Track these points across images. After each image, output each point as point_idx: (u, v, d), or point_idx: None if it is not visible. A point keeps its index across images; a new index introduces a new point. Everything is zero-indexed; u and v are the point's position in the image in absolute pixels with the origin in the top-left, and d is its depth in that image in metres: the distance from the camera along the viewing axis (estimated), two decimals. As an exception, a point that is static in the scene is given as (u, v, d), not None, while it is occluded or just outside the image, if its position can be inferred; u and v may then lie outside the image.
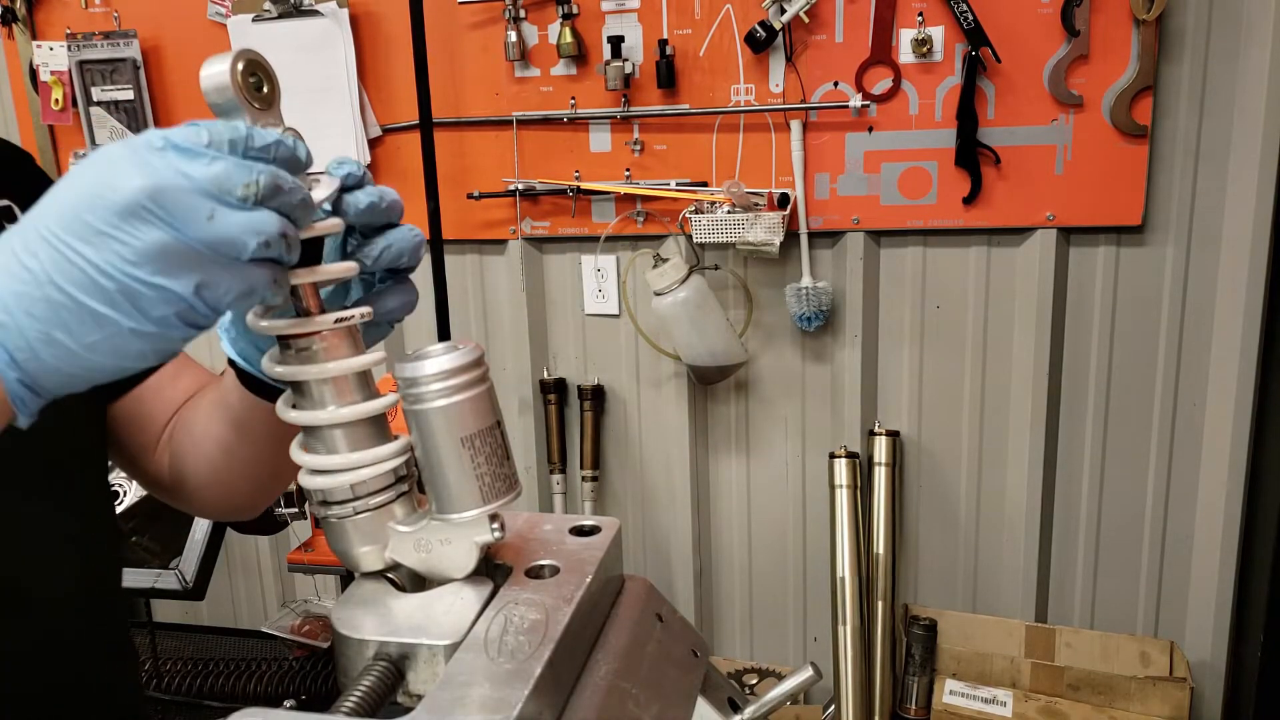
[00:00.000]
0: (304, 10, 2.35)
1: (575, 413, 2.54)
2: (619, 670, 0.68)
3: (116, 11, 2.51)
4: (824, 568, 2.42)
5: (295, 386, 0.68)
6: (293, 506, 1.89)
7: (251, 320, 0.66)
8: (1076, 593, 2.34)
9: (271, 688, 2.08)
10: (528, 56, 2.30)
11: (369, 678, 0.62)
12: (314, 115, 2.38)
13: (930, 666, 2.32)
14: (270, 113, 0.63)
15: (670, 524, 2.56)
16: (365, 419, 0.68)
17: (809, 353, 2.37)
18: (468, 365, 0.66)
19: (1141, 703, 2.16)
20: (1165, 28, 2.00)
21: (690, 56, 2.22)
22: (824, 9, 2.12)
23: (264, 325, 0.65)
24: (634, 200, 2.32)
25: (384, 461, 0.68)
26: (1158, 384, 2.20)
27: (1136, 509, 2.26)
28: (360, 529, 0.68)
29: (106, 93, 2.51)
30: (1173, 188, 2.08)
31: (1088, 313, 2.19)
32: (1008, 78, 2.07)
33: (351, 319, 0.66)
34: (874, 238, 2.25)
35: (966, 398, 2.30)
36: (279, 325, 0.65)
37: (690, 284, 2.19)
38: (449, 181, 2.39)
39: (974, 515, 2.37)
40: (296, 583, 2.68)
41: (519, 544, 0.74)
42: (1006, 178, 2.13)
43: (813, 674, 0.84)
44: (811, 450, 2.43)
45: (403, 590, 0.69)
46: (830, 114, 2.17)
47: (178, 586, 1.61)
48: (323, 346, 0.66)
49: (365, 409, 0.67)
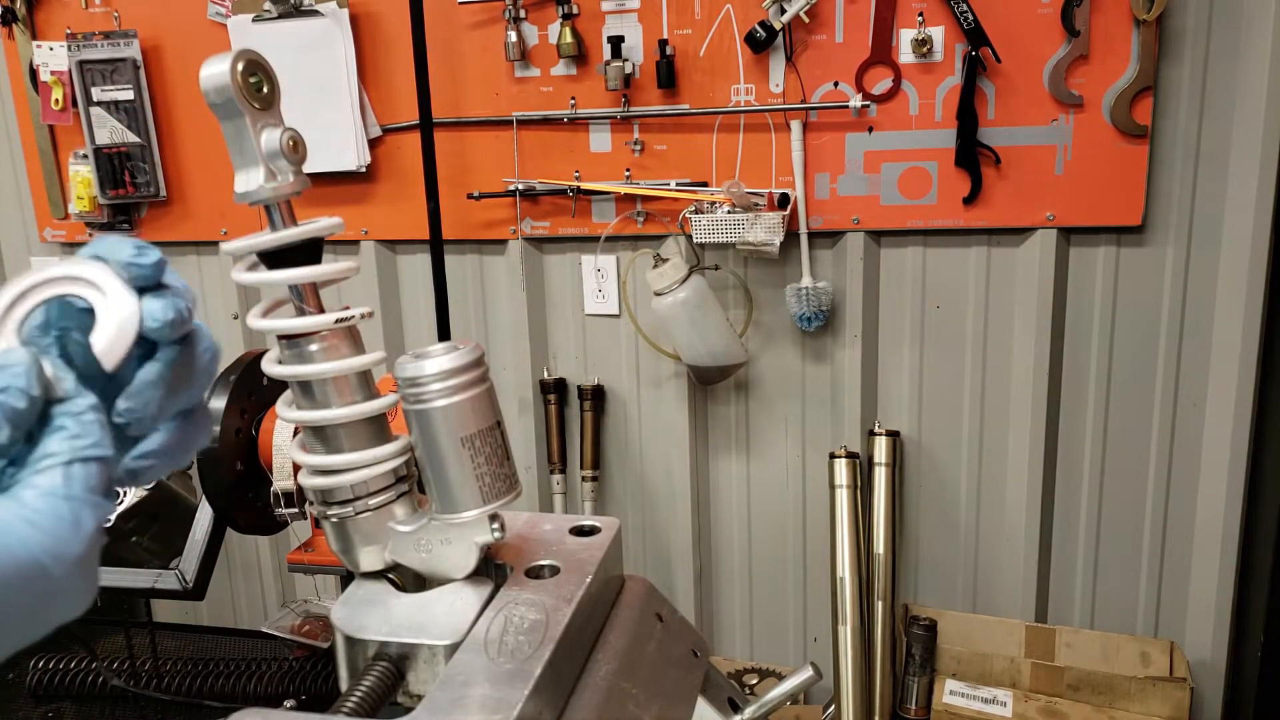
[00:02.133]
0: (304, 10, 2.35)
1: (575, 413, 2.54)
2: (619, 670, 0.68)
3: (116, 11, 2.51)
4: (824, 568, 2.42)
5: (296, 386, 0.68)
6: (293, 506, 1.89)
7: (252, 320, 0.66)
8: (1076, 593, 2.34)
9: (271, 688, 2.08)
10: (528, 56, 2.30)
11: (369, 678, 0.62)
12: (314, 115, 2.38)
13: (930, 666, 2.32)
14: (270, 113, 0.63)
15: (670, 524, 2.56)
16: (365, 419, 0.68)
17: (809, 353, 2.37)
18: (468, 365, 0.66)
19: (1141, 703, 2.16)
20: (1165, 28, 2.00)
21: (690, 56, 2.22)
22: (824, 9, 2.12)
23: (264, 325, 0.65)
24: (634, 200, 2.32)
25: (384, 461, 0.68)
26: (1158, 384, 2.20)
27: (1136, 509, 2.26)
28: (360, 529, 0.68)
29: (106, 93, 2.51)
30: (1173, 188, 2.08)
31: (1088, 313, 2.19)
32: (1008, 78, 2.07)
33: (352, 319, 0.66)
34: (874, 238, 2.25)
35: (966, 398, 2.30)
36: (279, 325, 0.65)
37: (690, 284, 2.19)
38: (449, 181, 2.39)
39: (974, 515, 2.37)
40: (296, 583, 2.68)
41: (519, 544, 0.74)
42: (1006, 178, 2.13)
43: (813, 674, 0.85)
44: (811, 450, 2.43)
45: (403, 590, 0.69)
46: (830, 114, 2.17)
47: (178, 586, 1.61)
48: (323, 346, 0.66)
49: (365, 409, 0.67)
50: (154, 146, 2.55)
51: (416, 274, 2.56)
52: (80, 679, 2.04)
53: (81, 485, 0.46)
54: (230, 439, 1.21)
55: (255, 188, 0.63)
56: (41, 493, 0.45)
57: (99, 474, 0.47)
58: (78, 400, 0.48)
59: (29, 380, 0.46)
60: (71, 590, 0.46)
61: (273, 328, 0.65)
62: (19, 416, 0.46)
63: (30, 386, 0.46)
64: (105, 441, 0.48)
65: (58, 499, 0.45)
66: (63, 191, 2.68)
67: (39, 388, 0.46)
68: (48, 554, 0.44)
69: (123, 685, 2.01)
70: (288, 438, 1.23)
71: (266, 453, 1.26)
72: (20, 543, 0.44)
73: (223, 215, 2.61)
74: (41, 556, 0.44)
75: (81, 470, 0.46)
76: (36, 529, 0.44)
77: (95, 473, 0.47)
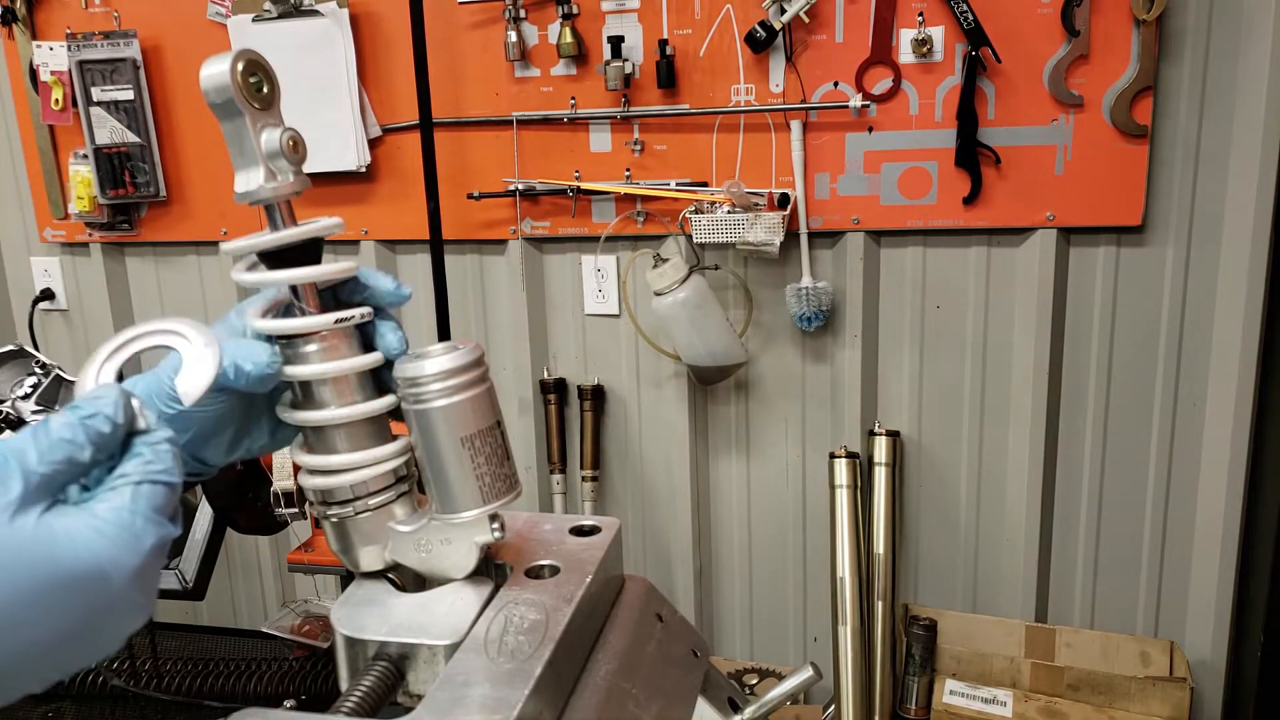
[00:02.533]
0: (304, 10, 2.35)
1: (575, 413, 2.54)
2: (619, 670, 0.68)
3: (116, 11, 2.51)
4: (824, 568, 2.42)
5: (296, 387, 0.68)
6: (293, 506, 1.89)
7: (251, 320, 0.66)
8: (1076, 592, 2.34)
9: (271, 688, 2.08)
10: (528, 56, 2.30)
11: (369, 678, 0.62)
12: (314, 115, 2.38)
13: (930, 666, 2.32)
14: (270, 113, 0.63)
15: (670, 524, 2.56)
16: (365, 419, 0.68)
17: (809, 353, 2.37)
18: (468, 365, 0.66)
19: (1141, 703, 2.16)
20: (1165, 28, 2.00)
21: (690, 56, 2.22)
22: (824, 9, 2.12)
23: (264, 325, 0.65)
24: (634, 200, 2.32)
25: (384, 461, 0.68)
26: (1158, 384, 2.19)
27: (1136, 509, 2.26)
28: (360, 529, 0.68)
29: (106, 93, 2.51)
30: (1173, 188, 2.08)
31: (1088, 313, 2.19)
32: (1008, 78, 2.07)
33: (352, 319, 0.66)
34: (874, 238, 2.25)
35: (966, 398, 2.30)
36: (280, 325, 0.65)
37: (690, 284, 2.19)
38: (449, 181, 2.39)
39: (974, 515, 2.37)
40: (296, 583, 2.68)
41: (519, 544, 0.74)
42: (1006, 178, 2.12)
43: (813, 674, 0.85)
44: (811, 450, 2.43)
45: (403, 590, 0.69)
46: (830, 114, 2.17)
47: (178, 586, 1.61)
48: (323, 346, 0.66)
49: (365, 409, 0.67)
50: (154, 146, 2.55)
51: (416, 274, 2.56)
52: (80, 679, 2.04)
53: (147, 503, 0.52)
54: (230, 439, 1.21)
55: (255, 188, 0.63)
56: (111, 506, 0.51)
57: (165, 496, 0.53)
58: (157, 433, 0.55)
59: (115, 410, 0.53)
60: (129, 603, 0.51)
61: (273, 328, 0.65)
62: (103, 440, 0.52)
63: (115, 415, 0.53)
64: (175, 470, 0.54)
65: (124, 512, 0.51)
66: (63, 191, 2.68)
67: (123, 417, 0.54)
68: (110, 562, 0.49)
69: (123, 685, 2.01)
70: (288, 438, 1.23)
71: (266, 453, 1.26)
72: (86, 548, 0.49)
73: (223, 215, 2.61)
74: (104, 564, 0.49)
75: (149, 490, 0.52)
76: (102, 536, 0.49)
77: (161, 494, 0.53)
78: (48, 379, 1.58)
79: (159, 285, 2.80)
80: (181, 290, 2.78)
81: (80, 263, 2.81)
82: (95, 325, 2.84)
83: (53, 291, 2.85)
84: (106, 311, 2.79)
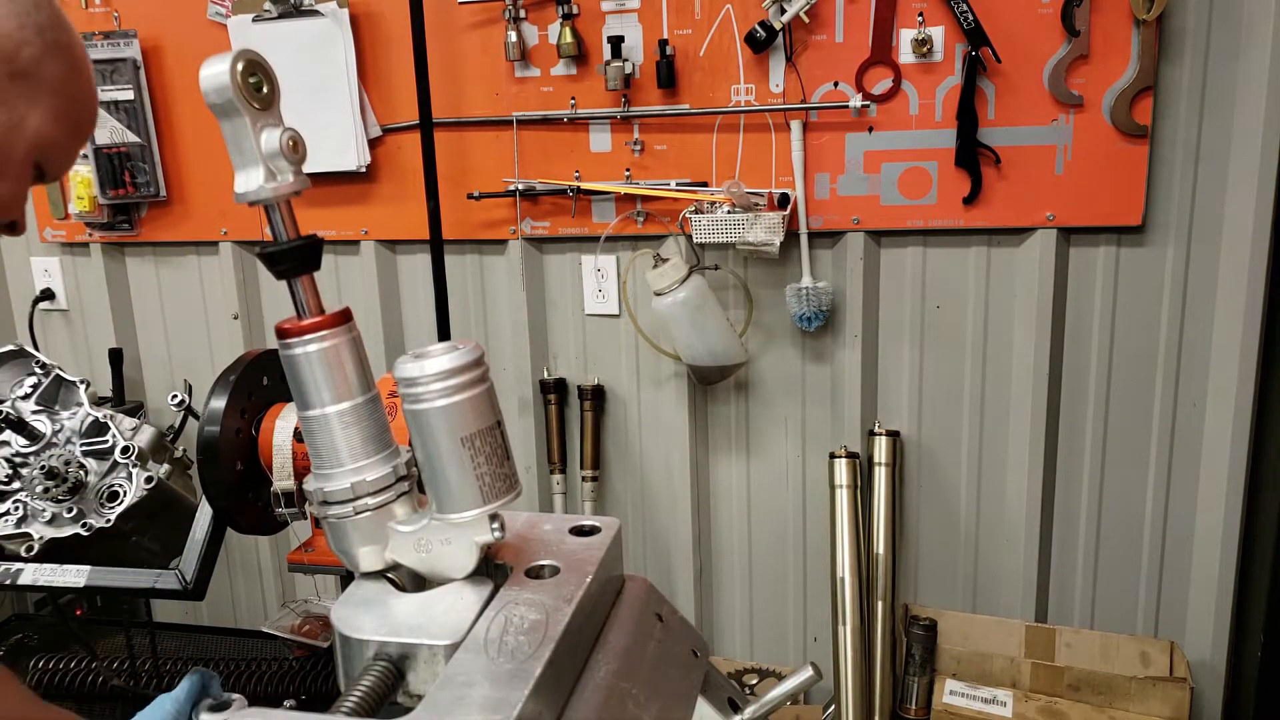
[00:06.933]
0: (304, 10, 2.35)
1: (575, 413, 2.54)
2: (619, 670, 0.68)
3: (116, 11, 2.51)
4: (824, 568, 2.42)
5: (296, 387, 0.68)
6: (293, 506, 1.89)
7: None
8: (1076, 592, 2.34)
9: (271, 688, 2.08)
10: (528, 56, 2.30)
11: (369, 678, 0.62)
12: (314, 115, 2.38)
13: (930, 666, 2.32)
14: (270, 113, 0.63)
15: (670, 524, 2.56)
16: (365, 419, 0.68)
17: (809, 353, 2.37)
18: (468, 365, 0.66)
19: (1141, 703, 2.16)
20: (1165, 28, 2.00)
21: (690, 56, 2.22)
22: (824, 9, 2.12)
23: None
24: (634, 200, 2.32)
25: (384, 462, 0.68)
26: (1158, 384, 2.19)
27: (1136, 509, 2.26)
28: (360, 529, 0.68)
29: (106, 93, 2.51)
30: (1173, 188, 2.08)
31: (1088, 313, 2.19)
32: (1008, 78, 2.07)
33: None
34: (874, 238, 2.25)
35: (966, 398, 2.30)
36: (279, 325, 0.66)
37: (690, 284, 2.19)
38: (449, 181, 2.39)
39: (974, 515, 2.37)
40: (296, 583, 2.68)
41: (519, 544, 0.74)
42: (1006, 178, 2.12)
43: (813, 674, 0.85)
44: (811, 450, 2.43)
45: (403, 590, 0.69)
46: (830, 114, 2.17)
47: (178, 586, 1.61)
48: (322, 347, 0.66)
49: (365, 409, 0.67)
50: (154, 146, 2.55)
51: (416, 274, 2.56)
52: (80, 679, 2.04)
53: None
54: (230, 439, 1.21)
55: (255, 187, 0.63)
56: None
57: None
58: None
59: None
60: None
61: (276, 329, 0.65)
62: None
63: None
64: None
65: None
66: (63, 191, 2.68)
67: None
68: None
69: (123, 685, 2.01)
70: (288, 438, 1.23)
71: (266, 453, 1.26)
72: None
73: (223, 215, 2.61)
74: None
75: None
76: None
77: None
78: (48, 379, 1.58)
79: (159, 285, 2.80)
80: (181, 290, 2.78)
81: (80, 263, 2.81)
82: (95, 325, 2.84)
83: (53, 291, 2.85)
84: (106, 311, 2.80)
